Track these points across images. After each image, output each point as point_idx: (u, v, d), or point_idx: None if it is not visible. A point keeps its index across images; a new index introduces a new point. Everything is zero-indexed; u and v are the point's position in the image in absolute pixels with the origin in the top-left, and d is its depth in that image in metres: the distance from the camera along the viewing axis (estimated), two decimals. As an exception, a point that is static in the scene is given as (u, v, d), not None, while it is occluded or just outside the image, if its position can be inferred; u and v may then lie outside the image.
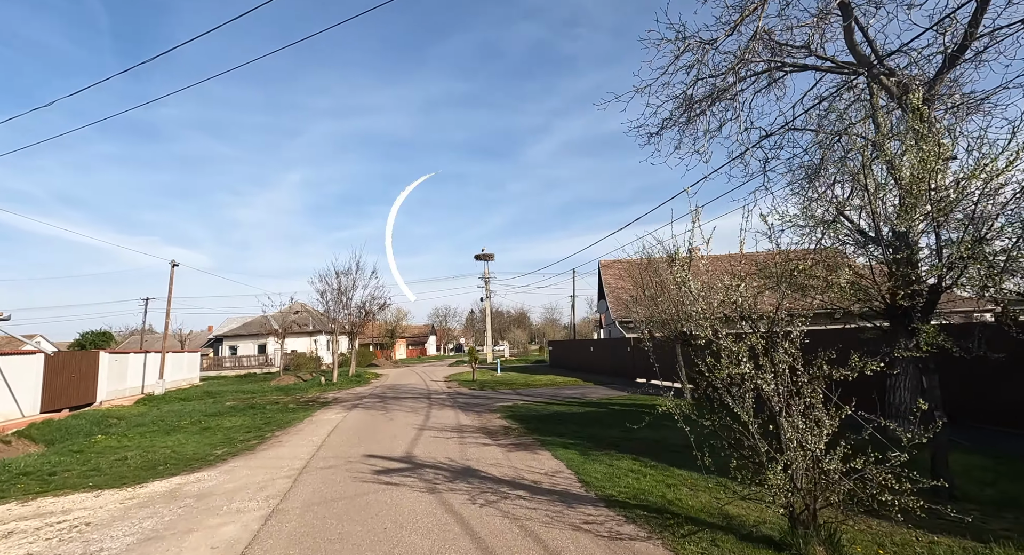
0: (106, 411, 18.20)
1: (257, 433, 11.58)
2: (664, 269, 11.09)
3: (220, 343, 48.93)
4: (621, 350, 22.31)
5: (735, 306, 4.06)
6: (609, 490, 5.84)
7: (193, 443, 10.69)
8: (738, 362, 3.92)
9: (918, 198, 4.85)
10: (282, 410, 15.83)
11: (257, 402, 18.59)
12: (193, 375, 31.88)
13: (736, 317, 4.07)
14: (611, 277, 27.75)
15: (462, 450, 8.40)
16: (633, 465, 7.03)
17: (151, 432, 12.49)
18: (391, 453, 8.42)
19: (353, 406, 15.95)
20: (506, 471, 6.90)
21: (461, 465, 7.34)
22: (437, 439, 9.54)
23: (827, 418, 3.75)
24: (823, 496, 3.83)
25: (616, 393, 16.89)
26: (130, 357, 24.00)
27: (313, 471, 7.41)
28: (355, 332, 30.66)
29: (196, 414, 15.57)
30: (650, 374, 20.13)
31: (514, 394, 17.94)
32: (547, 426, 10.66)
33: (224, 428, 12.70)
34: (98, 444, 11.06)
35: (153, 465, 8.61)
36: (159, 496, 6.51)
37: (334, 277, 28.60)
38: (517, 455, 7.89)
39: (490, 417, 12.38)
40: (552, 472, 6.78)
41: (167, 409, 17.98)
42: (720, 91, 10.55)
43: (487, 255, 45.03)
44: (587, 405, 14.11)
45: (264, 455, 8.93)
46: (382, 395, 19.39)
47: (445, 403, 15.84)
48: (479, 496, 5.75)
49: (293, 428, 12.03)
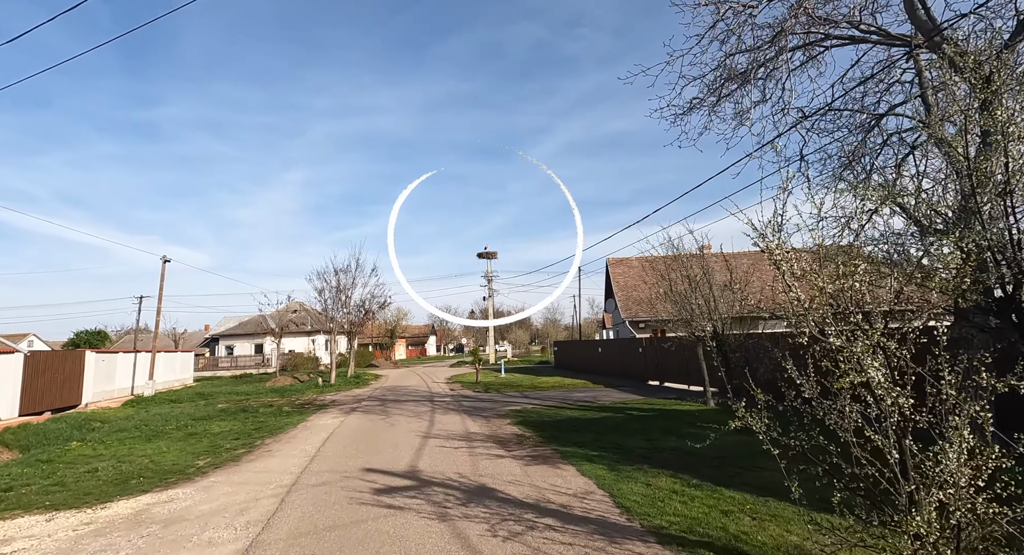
0: (90, 414, 17.22)
1: (246, 440, 10.61)
2: (692, 263, 10.14)
3: (216, 343, 47.95)
4: (632, 351, 21.35)
5: (852, 294, 3.08)
6: (656, 519, 4.87)
7: (175, 451, 9.72)
8: (860, 368, 2.94)
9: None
10: (275, 414, 14.87)
11: (250, 405, 17.62)
12: (187, 375, 30.89)
13: (852, 309, 3.10)
14: (620, 275, 26.79)
15: (473, 463, 7.43)
16: (674, 484, 6.07)
17: (131, 438, 11.52)
18: (393, 466, 7.45)
19: (351, 410, 14.98)
20: (527, 491, 5.94)
21: (474, 483, 6.38)
22: (444, 449, 8.57)
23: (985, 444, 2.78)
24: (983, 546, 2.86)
25: (630, 396, 15.93)
26: (119, 357, 23.02)
27: (304, 489, 6.44)
28: (354, 332, 29.70)
29: (184, 418, 14.60)
30: (664, 376, 19.18)
31: (521, 397, 16.97)
32: (564, 434, 9.70)
33: (211, 434, 11.73)
34: (71, 452, 10.08)
35: (125, 479, 7.64)
36: (121, 521, 5.54)
37: (332, 275, 27.66)
38: (537, 470, 6.93)
39: (500, 423, 11.41)
40: (582, 493, 5.82)
41: (155, 412, 17.00)
42: (756, 66, 9.60)
43: (490, 253, 44.03)
44: (602, 410, 13.14)
45: (250, 467, 7.96)
46: (382, 398, 18.42)
47: (449, 407, 14.87)
48: (500, 525, 4.78)
49: (285, 435, 11.06)
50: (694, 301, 9.97)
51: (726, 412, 12.18)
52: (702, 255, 9.37)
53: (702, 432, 9.78)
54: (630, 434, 9.60)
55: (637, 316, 23.44)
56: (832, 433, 3.55)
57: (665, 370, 18.98)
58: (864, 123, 10.71)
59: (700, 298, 9.47)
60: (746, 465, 6.95)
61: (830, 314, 3.01)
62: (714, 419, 11.16)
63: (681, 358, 18.00)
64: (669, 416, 11.60)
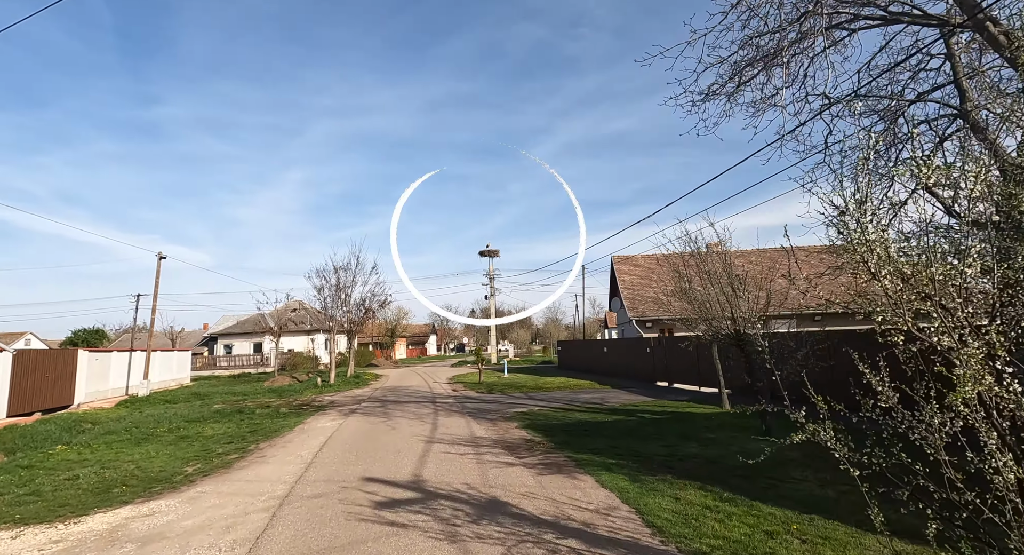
0: (82, 415, 16.67)
1: (239, 444, 10.07)
2: (713, 258, 9.58)
3: (215, 342, 47.43)
4: (639, 351, 20.80)
5: (961, 281, 2.52)
6: (694, 541, 4.31)
7: (164, 456, 9.18)
8: (981, 376, 2.37)
9: None
10: (272, 415, 14.32)
11: (247, 406, 17.08)
12: (183, 375, 30.37)
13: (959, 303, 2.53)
14: (625, 273, 26.22)
15: (482, 472, 6.88)
16: (704, 498, 5.52)
17: (120, 441, 10.98)
18: (395, 475, 6.90)
19: (351, 411, 14.43)
20: (543, 506, 5.39)
21: (484, 495, 5.83)
22: (449, 456, 8.02)
23: None
24: None
25: (639, 398, 15.37)
26: (113, 356, 22.49)
27: (298, 501, 5.89)
28: (354, 331, 29.14)
29: (177, 419, 14.06)
30: (673, 377, 18.62)
31: (526, 398, 16.43)
32: (576, 439, 9.15)
33: (203, 437, 11.18)
34: (54, 457, 9.54)
35: (107, 487, 7.09)
36: (94, 539, 4.99)
37: (332, 273, 27.11)
38: (552, 481, 6.38)
39: (507, 427, 10.87)
40: (604, 508, 5.27)
41: (148, 413, 16.45)
42: (779, 49, 9.05)
43: (492, 251, 43.43)
44: (612, 413, 12.59)
45: (241, 475, 7.41)
46: (382, 399, 17.87)
47: (453, 409, 14.33)
48: (518, 549, 4.23)
49: (281, 438, 10.51)
50: (714, 298, 9.41)
51: (743, 415, 11.66)
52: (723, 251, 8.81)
53: (721, 437, 9.27)
54: (646, 439, 9.05)
55: (644, 315, 22.89)
56: (916, 449, 2.98)
57: (674, 371, 18.43)
58: (891, 110, 10.17)
59: (721, 295, 8.90)
60: (777, 476, 6.40)
61: (938, 307, 2.44)
62: (731, 423, 10.64)
63: (691, 359, 17.46)
64: (684, 419, 11.06)
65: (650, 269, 26.69)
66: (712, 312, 10.21)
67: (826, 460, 7.33)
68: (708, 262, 9.28)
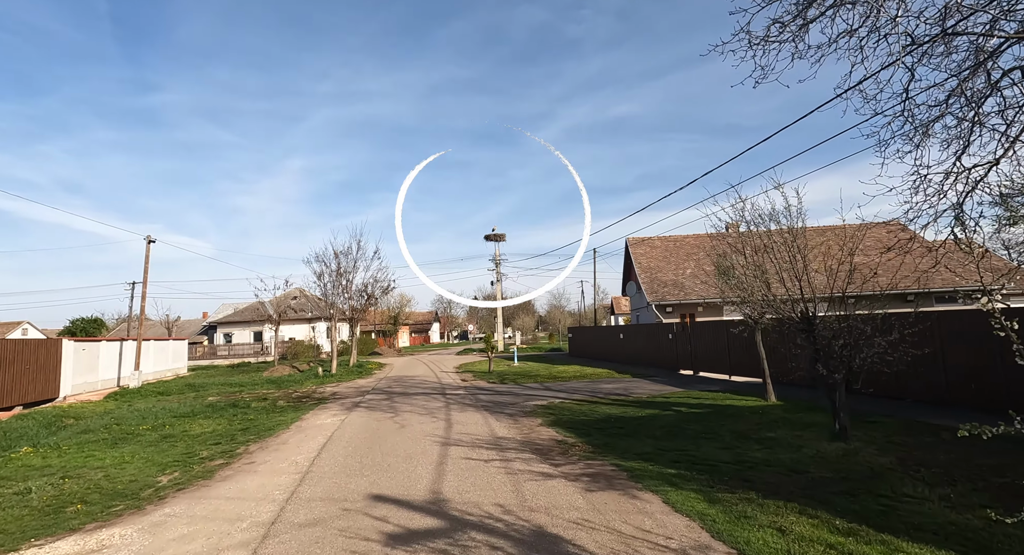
0: (65, 409, 15.48)
1: (227, 446, 8.83)
2: (764, 237, 8.20)
3: (214, 331, 46.32)
4: (660, 337, 19.50)
5: None
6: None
7: (139, 462, 7.95)
8: None
9: None
10: (268, 410, 13.10)
11: (242, 398, 15.89)
12: (180, 365, 29.23)
13: None
14: (642, 256, 24.79)
15: (515, 487, 5.60)
16: (816, 529, 4.22)
17: (95, 442, 9.76)
18: (409, 492, 5.62)
19: (354, 405, 13.20)
20: (607, 541, 4.10)
21: (525, 523, 4.54)
22: (471, 463, 6.75)
23: None
24: None
25: (667, 388, 14.11)
26: (102, 346, 21.27)
27: (287, 532, 4.61)
28: (356, 318, 27.88)
29: (164, 414, 12.85)
30: (698, 365, 17.34)
31: (543, 389, 15.18)
32: (616, 440, 7.88)
33: (189, 436, 9.96)
34: (12, 462, 8.32)
35: (59, 506, 5.85)
36: (10, 593, 3.73)
37: (333, 258, 25.75)
38: (606, 500, 5.09)
39: (530, 424, 9.60)
40: (693, 546, 3.97)
41: (136, 407, 15.25)
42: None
43: (498, 235, 41.94)
44: (644, 406, 11.32)
45: (222, 490, 6.15)
46: (388, 390, 16.65)
47: (465, 402, 13.08)
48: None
49: (275, 439, 9.27)
50: (773, 276, 8.05)
51: (794, 409, 10.34)
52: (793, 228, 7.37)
53: (784, 437, 7.83)
54: (696, 439, 7.77)
55: (664, 299, 21.52)
56: None
57: (701, 358, 17.14)
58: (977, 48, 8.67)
59: (782, 272, 7.53)
60: (884, 492, 5.11)
61: None
62: (786, 419, 9.34)
63: (719, 345, 16.16)
64: (729, 414, 9.78)
65: (668, 251, 25.27)
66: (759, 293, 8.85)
67: (931, 468, 6.01)
68: (769, 235, 7.88)
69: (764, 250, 8.20)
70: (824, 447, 7.01)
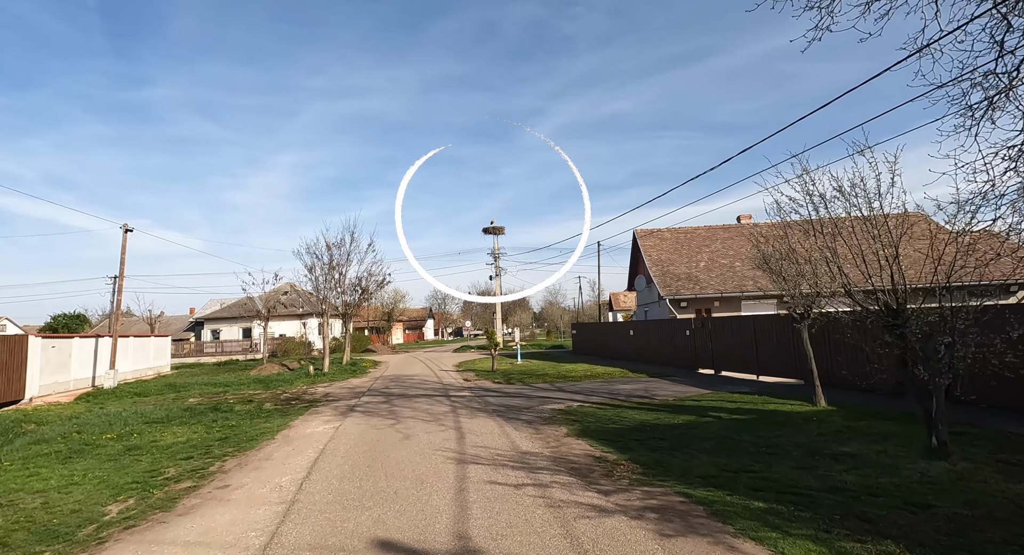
0: (29, 412, 13.98)
1: (200, 462, 7.46)
2: (827, 224, 6.95)
3: (201, 327, 44.66)
4: (677, 333, 18.27)
5: None
6: None
7: (89, 485, 6.56)
8: None
9: None
10: (252, 414, 11.71)
11: (226, 400, 14.47)
12: (162, 363, 27.67)
13: None
14: (651, 248, 23.53)
15: (565, 529, 4.29)
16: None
17: (45, 455, 8.35)
18: (426, 536, 4.29)
19: (349, 409, 11.84)
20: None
21: (597, 593, 3.23)
22: (498, 489, 5.43)
23: None
24: None
25: (692, 389, 12.87)
26: (74, 343, 19.71)
27: (261, 606, 3.28)
28: (349, 314, 26.44)
29: (135, 420, 11.41)
30: (720, 364, 16.14)
31: (556, 391, 13.89)
32: (662, 455, 6.60)
33: (158, 448, 8.57)
34: (-65, 485, 6.88)
35: (-34, 553, 4.46)
36: None
37: (325, 250, 24.25)
38: (691, 551, 3.79)
39: (555, 434, 8.31)
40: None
41: (107, 410, 13.78)
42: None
43: (497, 228, 40.51)
44: (677, 411, 10.06)
45: (180, 531, 4.78)
46: (385, 391, 15.28)
47: (473, 405, 11.76)
48: None
49: (257, 453, 7.91)
50: (846, 264, 6.79)
51: (855, 415, 8.98)
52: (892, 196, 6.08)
53: (867, 453, 6.27)
54: (759, 455, 6.50)
55: (679, 293, 20.29)
56: None
57: (722, 356, 15.93)
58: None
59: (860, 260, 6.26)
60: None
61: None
62: (854, 429, 8.03)
63: (744, 342, 14.97)
64: (778, 422, 8.54)
65: (679, 243, 24.05)
66: (829, 282, 7.58)
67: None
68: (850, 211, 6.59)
69: (836, 231, 6.92)
70: (925, 467, 5.77)
